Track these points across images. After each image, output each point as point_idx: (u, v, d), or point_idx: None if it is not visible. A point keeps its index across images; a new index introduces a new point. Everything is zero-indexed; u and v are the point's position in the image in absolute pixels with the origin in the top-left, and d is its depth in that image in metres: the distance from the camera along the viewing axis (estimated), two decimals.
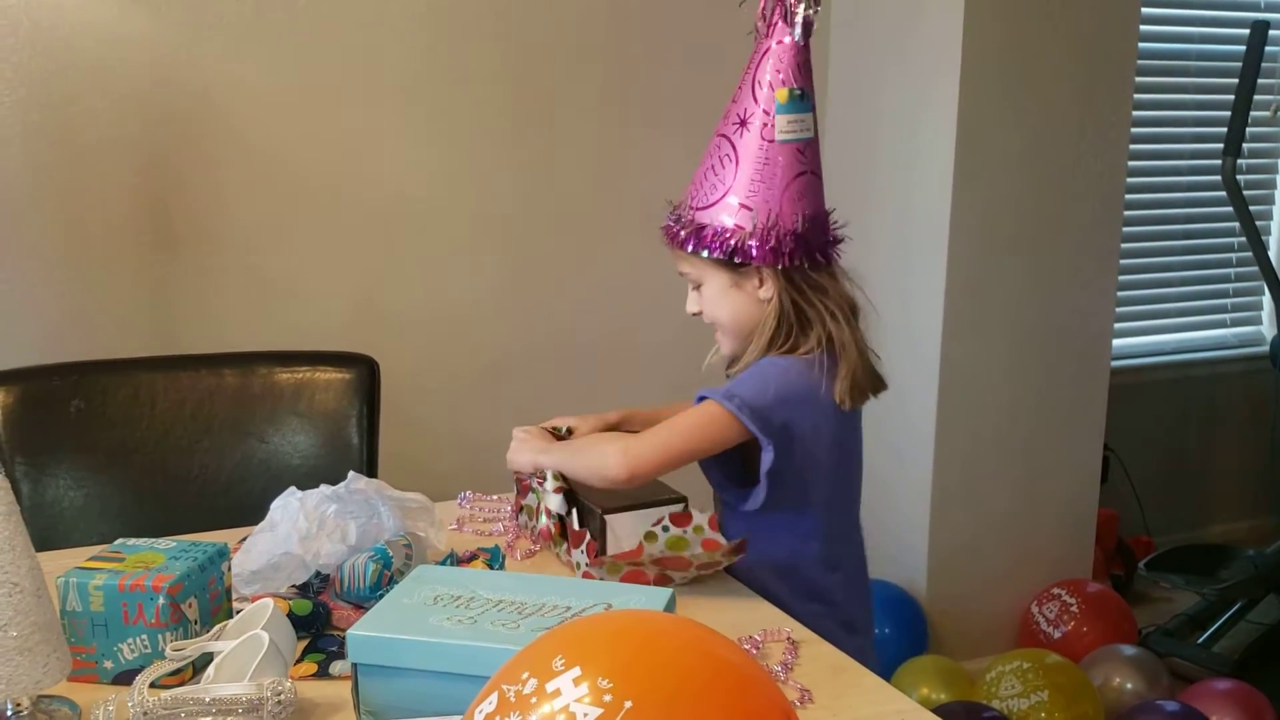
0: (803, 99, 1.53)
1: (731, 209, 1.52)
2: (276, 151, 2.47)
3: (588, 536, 1.52)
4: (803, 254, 1.52)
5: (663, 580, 1.48)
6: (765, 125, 1.51)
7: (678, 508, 1.50)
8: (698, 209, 1.55)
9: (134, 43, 2.33)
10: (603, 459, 1.54)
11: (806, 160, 1.54)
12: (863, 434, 1.66)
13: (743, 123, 1.52)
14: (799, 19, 1.51)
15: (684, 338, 2.89)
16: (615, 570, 1.46)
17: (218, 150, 2.42)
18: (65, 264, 2.35)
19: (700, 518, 1.47)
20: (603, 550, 1.50)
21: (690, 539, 1.46)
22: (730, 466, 1.60)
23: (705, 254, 1.53)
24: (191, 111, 2.39)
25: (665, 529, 1.46)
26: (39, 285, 2.33)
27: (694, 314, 1.64)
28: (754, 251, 1.51)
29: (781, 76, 1.51)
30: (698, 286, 1.60)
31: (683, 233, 1.55)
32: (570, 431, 1.68)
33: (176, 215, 2.42)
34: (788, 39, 1.52)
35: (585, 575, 1.50)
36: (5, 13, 2.25)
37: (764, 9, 1.55)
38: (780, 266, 1.52)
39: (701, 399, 1.54)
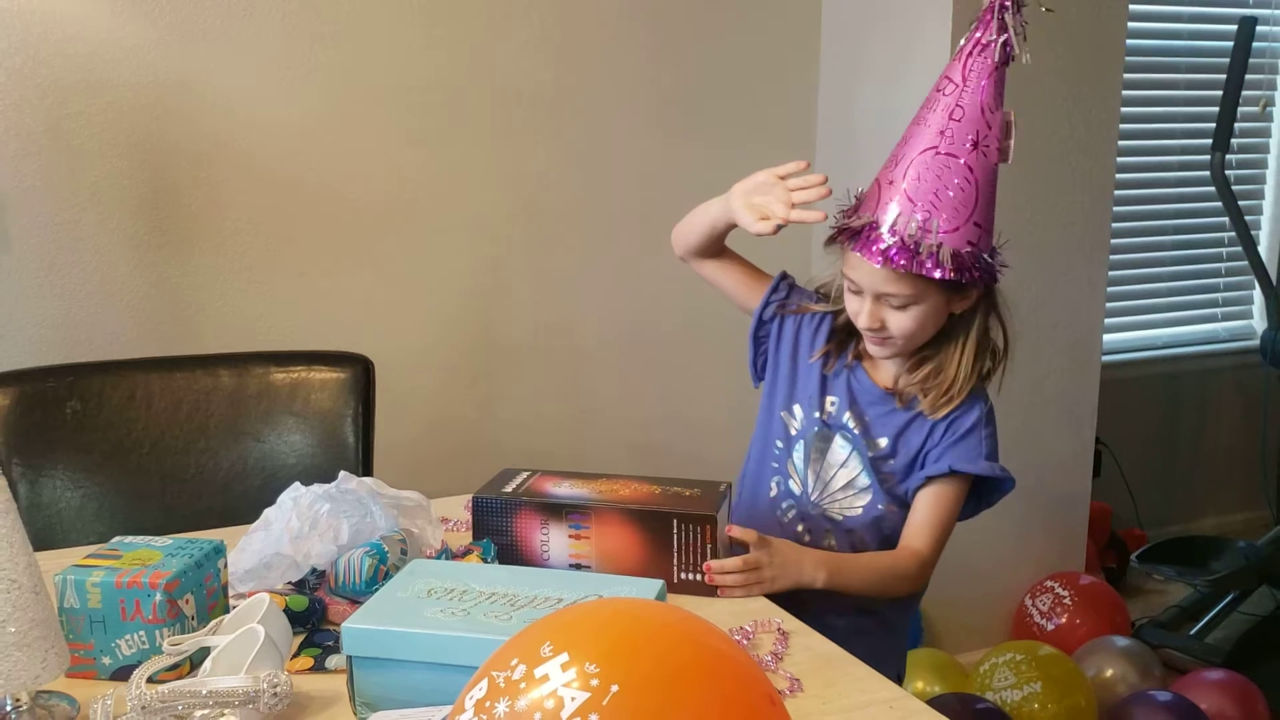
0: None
1: (974, 231, 1.52)
2: (271, 153, 2.48)
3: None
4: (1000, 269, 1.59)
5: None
6: (995, 149, 1.53)
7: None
8: (946, 231, 1.50)
9: (128, 46, 2.34)
10: (900, 579, 1.59)
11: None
12: None
13: (976, 144, 1.51)
14: (1023, 35, 1.50)
15: (680, 336, 2.91)
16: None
17: (212, 151, 2.43)
18: (60, 266, 2.36)
19: None
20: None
21: None
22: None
23: (957, 276, 1.50)
24: (185, 113, 2.40)
25: None
26: (34, 287, 2.34)
27: (873, 329, 1.58)
28: (995, 272, 1.55)
29: (1002, 99, 1.54)
30: (903, 306, 1.54)
31: (931, 259, 1.49)
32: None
33: (171, 217, 2.43)
34: (1002, 60, 1.52)
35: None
36: None
37: (985, 26, 1.52)
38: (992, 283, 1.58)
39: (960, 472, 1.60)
